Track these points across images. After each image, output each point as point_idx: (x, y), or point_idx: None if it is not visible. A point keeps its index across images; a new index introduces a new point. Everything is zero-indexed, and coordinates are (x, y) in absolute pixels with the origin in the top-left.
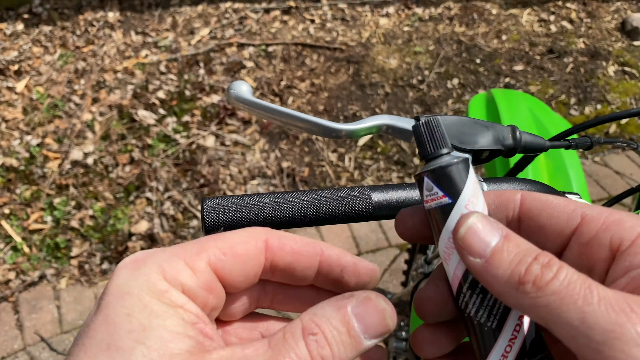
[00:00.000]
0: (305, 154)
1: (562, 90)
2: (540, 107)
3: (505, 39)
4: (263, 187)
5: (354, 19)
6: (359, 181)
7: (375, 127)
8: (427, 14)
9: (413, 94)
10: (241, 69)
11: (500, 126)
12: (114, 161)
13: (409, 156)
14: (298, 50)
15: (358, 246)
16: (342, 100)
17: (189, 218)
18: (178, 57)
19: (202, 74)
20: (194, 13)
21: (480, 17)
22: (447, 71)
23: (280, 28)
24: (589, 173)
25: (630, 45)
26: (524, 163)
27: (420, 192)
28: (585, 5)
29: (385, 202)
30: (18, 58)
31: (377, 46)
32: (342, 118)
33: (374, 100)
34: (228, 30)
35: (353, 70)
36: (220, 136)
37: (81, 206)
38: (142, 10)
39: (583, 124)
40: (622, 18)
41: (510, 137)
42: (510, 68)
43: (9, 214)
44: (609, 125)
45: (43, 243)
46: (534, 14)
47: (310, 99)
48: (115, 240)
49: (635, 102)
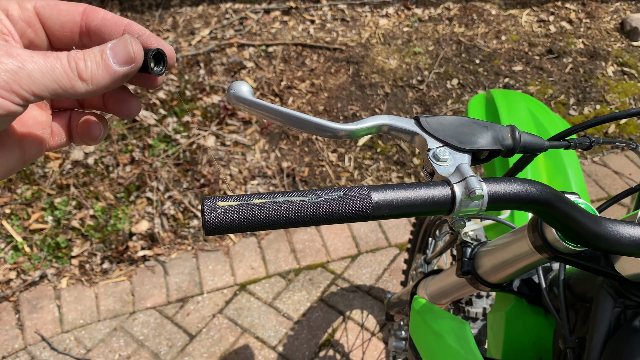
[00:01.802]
0: (305, 154)
1: (561, 90)
2: (540, 108)
3: (505, 40)
4: (263, 187)
5: (354, 19)
6: (359, 181)
7: (375, 127)
8: (426, 15)
9: (413, 94)
10: (241, 69)
11: (500, 126)
12: (114, 161)
13: (409, 156)
14: (298, 51)
15: (358, 246)
16: (342, 100)
17: (189, 218)
18: (178, 57)
19: (202, 74)
20: (194, 13)
21: (479, 18)
22: (447, 71)
23: (280, 28)
24: (588, 173)
25: (629, 46)
26: (523, 163)
27: None
28: (585, 5)
29: (385, 202)
30: None
31: (377, 46)
32: (342, 118)
33: (374, 101)
34: (228, 30)
35: (353, 71)
36: (221, 136)
37: (82, 206)
38: (142, 10)
39: (582, 124)
40: (621, 18)
41: (509, 137)
42: (510, 68)
43: (9, 214)
44: (608, 126)
45: (44, 243)
46: (533, 14)
47: (310, 99)
48: (116, 240)
49: (634, 102)
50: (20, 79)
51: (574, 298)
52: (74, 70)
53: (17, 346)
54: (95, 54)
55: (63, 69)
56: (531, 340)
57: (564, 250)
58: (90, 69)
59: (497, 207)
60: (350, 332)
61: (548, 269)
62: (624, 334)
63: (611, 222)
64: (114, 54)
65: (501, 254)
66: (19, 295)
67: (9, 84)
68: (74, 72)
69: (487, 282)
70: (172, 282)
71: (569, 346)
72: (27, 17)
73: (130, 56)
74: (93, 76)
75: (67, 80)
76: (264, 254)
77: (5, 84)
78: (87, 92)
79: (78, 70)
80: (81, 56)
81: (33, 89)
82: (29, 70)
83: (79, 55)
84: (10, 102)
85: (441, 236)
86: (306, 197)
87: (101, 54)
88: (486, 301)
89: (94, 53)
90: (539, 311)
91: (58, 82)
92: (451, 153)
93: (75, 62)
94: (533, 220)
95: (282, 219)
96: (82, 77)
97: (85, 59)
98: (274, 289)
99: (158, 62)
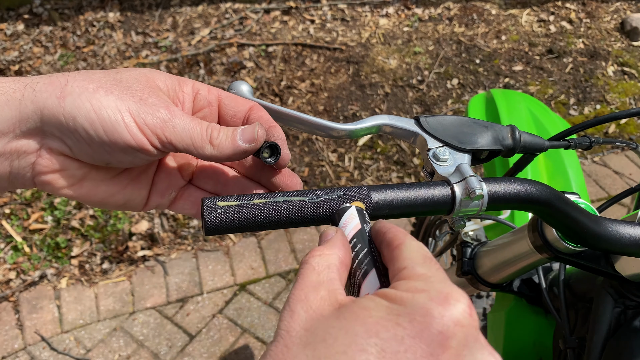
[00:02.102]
0: (305, 153)
1: (562, 90)
2: (540, 107)
3: (505, 39)
4: None
5: (354, 19)
6: (359, 181)
7: (375, 127)
8: (426, 15)
9: (413, 94)
10: (241, 69)
11: (500, 126)
12: None
13: (409, 156)
14: (298, 51)
15: None
16: (342, 100)
17: (189, 218)
18: (178, 57)
19: (202, 74)
20: (194, 13)
21: (479, 18)
22: (447, 71)
23: (280, 28)
24: (588, 173)
25: (629, 46)
26: (524, 163)
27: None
28: (585, 5)
29: (385, 202)
30: (19, 58)
31: (377, 46)
32: (342, 118)
33: (374, 101)
34: (228, 30)
35: (353, 71)
36: None
37: (82, 206)
38: (142, 10)
39: (582, 124)
40: (621, 18)
41: (509, 137)
42: (510, 68)
43: (9, 214)
44: (608, 125)
45: (43, 243)
46: (533, 14)
47: (310, 99)
48: (116, 240)
49: (634, 102)
50: (165, 127)
51: (574, 298)
52: (208, 136)
53: (16, 346)
54: (229, 129)
55: (200, 132)
56: (531, 340)
57: (564, 250)
58: (220, 139)
59: (497, 207)
60: None
61: (548, 269)
62: (624, 334)
63: (611, 222)
64: (243, 133)
65: (501, 254)
66: (19, 295)
67: (155, 128)
68: (207, 137)
69: (487, 282)
70: (172, 282)
71: (569, 346)
72: (210, 99)
73: (254, 137)
74: (220, 144)
75: (200, 141)
76: (264, 254)
77: (153, 126)
78: (211, 155)
79: (211, 136)
80: (218, 128)
81: (172, 139)
82: (175, 123)
83: (216, 127)
84: (148, 142)
85: (441, 236)
86: (306, 197)
87: (233, 131)
88: (486, 301)
89: (229, 129)
90: (539, 311)
91: (193, 140)
92: (451, 153)
93: (211, 130)
94: (533, 220)
95: (282, 218)
96: (212, 142)
97: (219, 131)
98: (274, 289)
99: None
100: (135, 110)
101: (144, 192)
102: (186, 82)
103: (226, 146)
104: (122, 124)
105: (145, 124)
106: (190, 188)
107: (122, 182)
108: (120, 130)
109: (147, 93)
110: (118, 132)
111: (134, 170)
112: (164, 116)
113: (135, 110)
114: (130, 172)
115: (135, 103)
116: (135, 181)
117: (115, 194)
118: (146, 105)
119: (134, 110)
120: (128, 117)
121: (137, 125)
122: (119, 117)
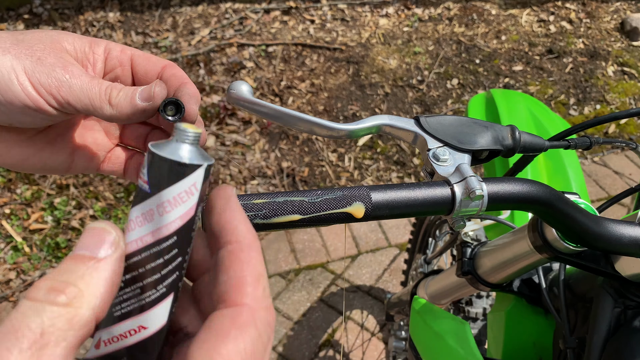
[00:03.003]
0: (305, 153)
1: (562, 90)
2: (540, 107)
3: (505, 39)
4: (263, 187)
5: (354, 19)
6: (359, 181)
7: (375, 127)
8: (426, 15)
9: (413, 94)
10: (241, 69)
11: (500, 126)
12: None
13: (409, 156)
14: (298, 51)
15: (358, 246)
16: (342, 100)
17: None
18: (178, 57)
19: (202, 74)
20: (194, 13)
21: (479, 18)
22: (447, 71)
23: (280, 28)
24: (588, 173)
25: (629, 46)
26: (524, 163)
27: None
28: (585, 5)
29: (385, 202)
30: None
31: (377, 46)
32: (342, 118)
33: (374, 101)
34: (228, 30)
35: (353, 71)
36: (221, 136)
37: (82, 206)
38: (142, 10)
39: (582, 124)
40: (621, 18)
41: (509, 137)
42: (510, 68)
43: (9, 214)
44: (608, 125)
45: (44, 243)
46: (533, 14)
47: (310, 99)
48: None
49: (634, 102)
50: (62, 87)
51: (574, 298)
52: (107, 96)
53: None
54: (129, 89)
55: (99, 92)
56: (531, 340)
57: (564, 250)
58: (118, 98)
59: (497, 207)
60: (350, 332)
61: (548, 269)
62: (624, 334)
63: (611, 222)
64: (141, 91)
65: (501, 254)
66: (19, 295)
67: (50, 87)
68: (106, 97)
69: (487, 282)
70: None
71: (569, 346)
72: (122, 59)
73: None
74: (119, 104)
75: (98, 101)
76: (264, 254)
77: (48, 86)
78: (111, 115)
79: (110, 96)
80: (119, 88)
81: (69, 99)
82: (72, 83)
83: (118, 86)
84: (45, 102)
85: (441, 236)
86: (306, 197)
87: (133, 90)
88: (486, 301)
89: (130, 89)
90: (539, 311)
91: (91, 100)
92: (451, 153)
93: (110, 89)
94: (533, 220)
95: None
96: (111, 102)
97: (120, 91)
98: (274, 289)
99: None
100: (31, 69)
101: (63, 155)
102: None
103: (124, 105)
104: (16, 82)
105: (40, 84)
106: (116, 150)
107: (37, 145)
108: (14, 89)
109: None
110: (12, 91)
111: (51, 133)
112: (59, 76)
113: (31, 70)
114: (47, 135)
115: (31, 63)
116: (52, 144)
117: (31, 156)
118: (42, 65)
119: (29, 70)
120: (22, 76)
121: (32, 85)
122: (13, 77)
